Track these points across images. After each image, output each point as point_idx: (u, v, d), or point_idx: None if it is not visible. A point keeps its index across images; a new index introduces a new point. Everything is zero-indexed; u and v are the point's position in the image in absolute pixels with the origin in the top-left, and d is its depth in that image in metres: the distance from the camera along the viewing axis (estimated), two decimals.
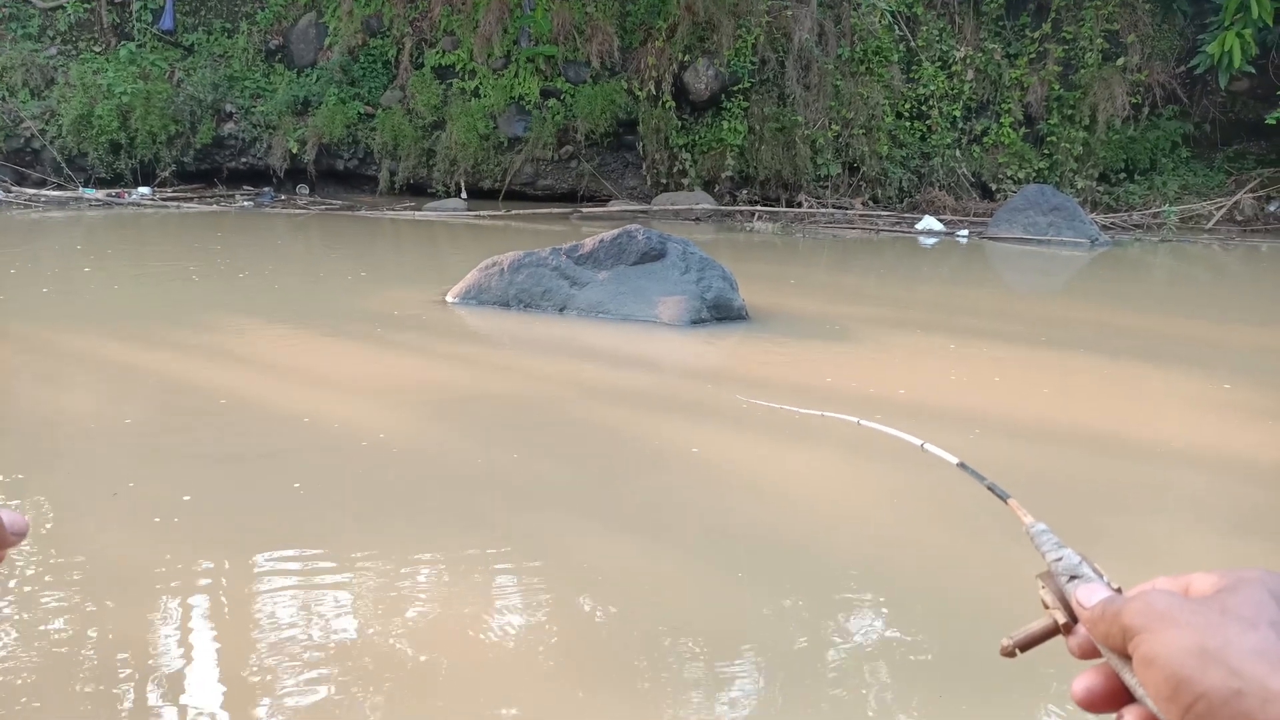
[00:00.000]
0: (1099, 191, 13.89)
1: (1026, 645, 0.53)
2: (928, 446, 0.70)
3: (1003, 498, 0.61)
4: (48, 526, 3.02)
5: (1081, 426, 4.31)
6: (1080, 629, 0.51)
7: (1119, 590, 0.51)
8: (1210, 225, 13.10)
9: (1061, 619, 0.51)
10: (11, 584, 2.64)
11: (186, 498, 3.29)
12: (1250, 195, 13.48)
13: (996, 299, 8.39)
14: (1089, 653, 0.50)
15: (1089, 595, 0.50)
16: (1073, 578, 0.52)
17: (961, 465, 0.65)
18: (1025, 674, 2.31)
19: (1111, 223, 12.94)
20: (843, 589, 2.81)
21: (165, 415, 4.25)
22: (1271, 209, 13.45)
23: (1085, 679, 0.49)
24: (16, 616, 2.48)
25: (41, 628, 2.43)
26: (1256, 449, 4.08)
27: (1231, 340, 6.35)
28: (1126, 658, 0.46)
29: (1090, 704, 0.48)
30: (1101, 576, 0.52)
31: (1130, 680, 0.46)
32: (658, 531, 3.17)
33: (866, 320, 6.64)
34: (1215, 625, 0.43)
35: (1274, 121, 12.99)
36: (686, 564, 2.94)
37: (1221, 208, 13.31)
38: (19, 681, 2.21)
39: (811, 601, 2.71)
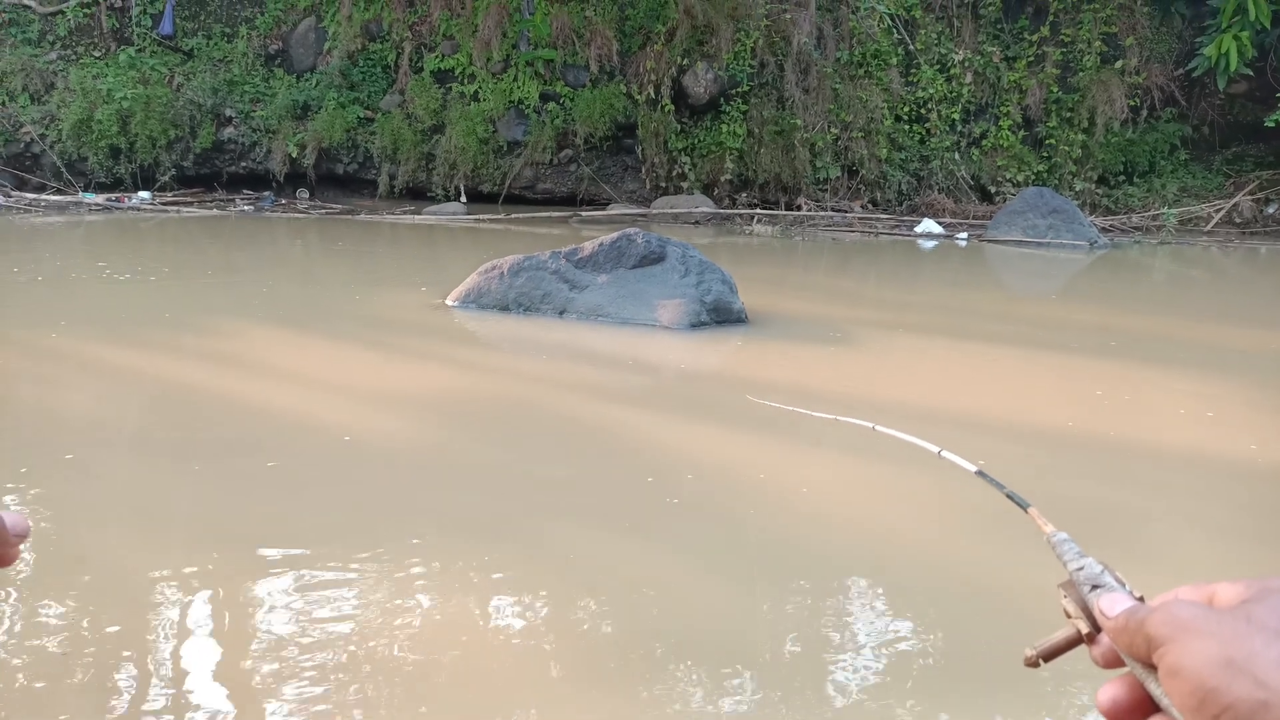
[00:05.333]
0: (1098, 194, 13.91)
1: (1050, 655, 0.53)
2: (945, 454, 0.69)
3: (1023, 506, 0.60)
4: (46, 529, 3.01)
5: (1085, 430, 4.31)
6: (1104, 639, 0.50)
7: (1141, 599, 0.50)
8: (1209, 227, 13.12)
9: (1085, 628, 0.51)
10: (9, 586, 2.63)
11: (185, 501, 3.29)
12: (1249, 197, 13.50)
13: (996, 302, 8.39)
14: (1113, 662, 0.50)
15: (1112, 605, 0.50)
16: (1095, 587, 0.52)
17: (980, 473, 0.65)
18: (1044, 683, 2.31)
19: (1110, 225, 12.96)
20: (853, 596, 2.81)
21: (165, 420, 4.25)
22: (1270, 211, 13.46)
23: (1110, 689, 0.48)
24: (15, 618, 2.48)
25: (39, 629, 2.42)
26: (1260, 451, 4.08)
27: (1232, 342, 6.35)
28: (1151, 668, 0.46)
29: (1116, 714, 0.48)
30: (1124, 585, 0.52)
31: (1155, 690, 0.46)
32: (660, 534, 3.17)
33: (866, 323, 6.64)
34: (1241, 636, 0.43)
35: (1273, 124, 13.01)
36: (690, 567, 2.94)
37: (1220, 210, 13.33)
38: (17, 681, 2.21)
39: (820, 607, 2.70)
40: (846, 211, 13.37)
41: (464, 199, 13.80)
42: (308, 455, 3.81)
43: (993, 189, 13.84)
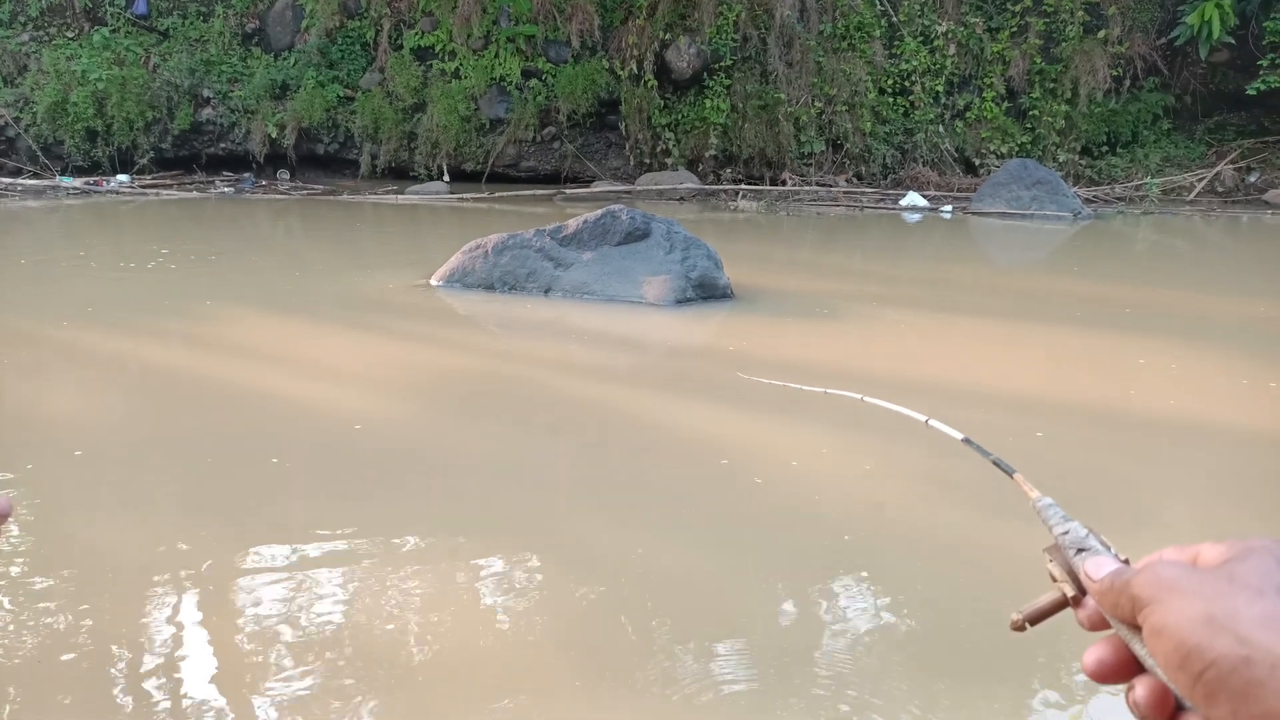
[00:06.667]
0: (1081, 165, 13.94)
1: (1036, 619, 0.54)
2: (932, 422, 0.70)
3: (1008, 472, 0.61)
4: (35, 518, 3.00)
5: (1071, 399, 4.35)
6: (1089, 601, 0.51)
7: (1126, 561, 0.51)
8: (1192, 197, 13.18)
9: (1070, 592, 0.52)
10: (0, 577, 2.62)
11: (173, 486, 3.27)
12: (1231, 166, 13.55)
13: (982, 274, 8.42)
14: (1098, 624, 0.50)
15: (1097, 567, 0.51)
16: (1080, 550, 0.52)
17: (966, 440, 0.65)
18: (1031, 648, 2.34)
19: (1094, 196, 13.00)
20: (843, 566, 2.83)
21: (149, 404, 4.22)
22: (1252, 180, 13.53)
23: (1095, 651, 0.49)
24: (6, 608, 2.47)
25: (31, 619, 2.42)
26: (1242, 417, 4.12)
27: (1214, 311, 6.40)
28: (1136, 628, 0.46)
29: (1101, 675, 0.49)
30: (1109, 548, 0.52)
31: (1140, 651, 0.46)
32: (649, 511, 3.18)
33: (852, 297, 6.65)
34: (1223, 594, 0.43)
35: (1254, 92, 13.04)
36: (679, 542, 2.95)
37: (1203, 179, 13.38)
38: (9, 670, 2.20)
39: (809, 579, 2.72)
40: (831, 186, 13.35)
41: (447, 178, 13.70)
42: (295, 439, 3.80)
43: (977, 161, 13.85)
